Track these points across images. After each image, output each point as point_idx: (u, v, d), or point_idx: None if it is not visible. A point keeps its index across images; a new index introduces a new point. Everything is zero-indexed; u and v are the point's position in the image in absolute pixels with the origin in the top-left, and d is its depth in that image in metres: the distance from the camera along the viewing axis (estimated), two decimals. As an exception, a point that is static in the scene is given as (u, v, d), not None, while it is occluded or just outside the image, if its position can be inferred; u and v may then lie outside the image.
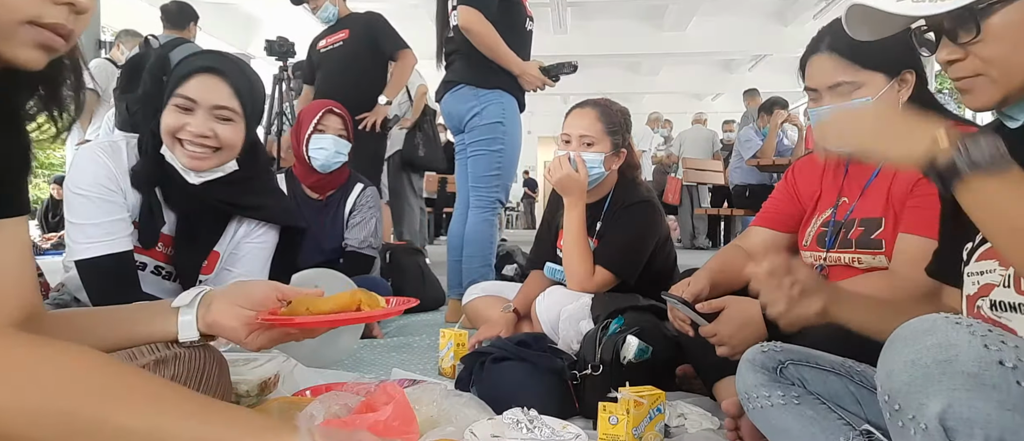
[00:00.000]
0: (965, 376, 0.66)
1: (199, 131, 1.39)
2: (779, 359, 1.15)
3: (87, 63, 1.38)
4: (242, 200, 1.53)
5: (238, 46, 10.38)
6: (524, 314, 2.16)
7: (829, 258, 1.44)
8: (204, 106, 1.40)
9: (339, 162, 2.48)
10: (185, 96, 1.40)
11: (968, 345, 0.68)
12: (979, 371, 0.66)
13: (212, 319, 0.90)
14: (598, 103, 2.10)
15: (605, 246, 2.04)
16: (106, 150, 1.44)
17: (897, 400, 0.71)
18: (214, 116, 1.41)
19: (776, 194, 1.66)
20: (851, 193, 1.46)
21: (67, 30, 0.65)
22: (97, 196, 1.40)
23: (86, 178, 1.40)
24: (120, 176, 1.43)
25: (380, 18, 3.47)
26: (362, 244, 2.52)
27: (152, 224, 1.46)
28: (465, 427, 1.23)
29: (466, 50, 2.69)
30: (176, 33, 4.01)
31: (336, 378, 1.77)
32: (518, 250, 3.94)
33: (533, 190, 15.56)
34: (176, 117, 1.40)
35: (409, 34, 3.53)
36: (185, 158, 1.41)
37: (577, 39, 10.42)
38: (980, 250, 0.90)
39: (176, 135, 1.40)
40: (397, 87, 3.56)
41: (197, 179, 1.44)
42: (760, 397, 1.13)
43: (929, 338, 0.70)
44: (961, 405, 0.66)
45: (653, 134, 9.14)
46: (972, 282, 0.91)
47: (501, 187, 2.78)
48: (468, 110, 2.72)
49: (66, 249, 1.47)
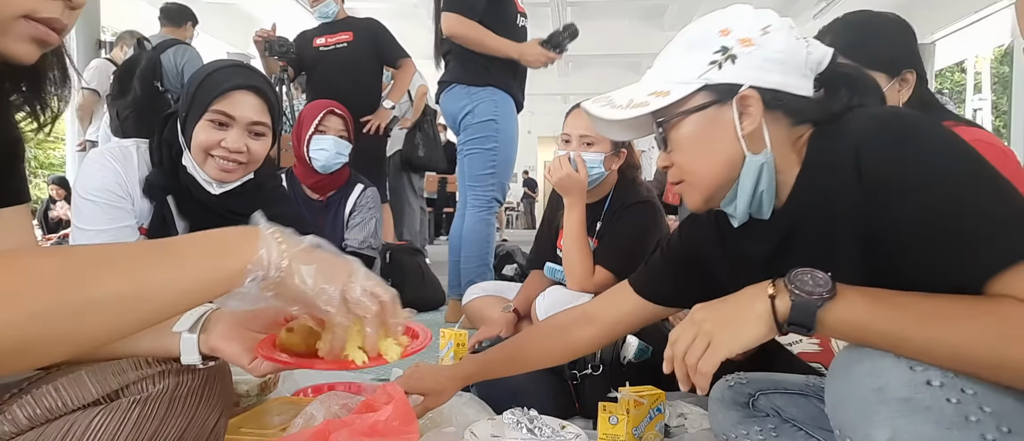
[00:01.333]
0: (899, 402, 0.67)
1: (235, 147, 1.41)
2: (747, 391, 1.14)
3: (84, 63, 1.37)
4: (251, 210, 1.53)
5: (238, 46, 10.39)
6: (524, 314, 2.16)
7: None
8: (241, 122, 1.42)
9: (340, 163, 2.48)
10: (223, 112, 1.41)
11: (895, 369, 0.69)
12: (911, 395, 0.67)
13: (214, 344, 0.87)
14: None
15: (605, 246, 2.05)
16: (116, 155, 1.44)
17: (847, 433, 0.72)
18: (249, 132, 1.43)
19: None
20: None
21: (61, 25, 0.65)
22: (105, 202, 1.40)
23: (95, 183, 1.41)
24: (130, 182, 1.43)
25: (383, 26, 3.49)
26: (362, 244, 2.52)
27: (164, 234, 1.45)
28: (465, 427, 1.24)
29: (458, 50, 2.71)
30: (173, 32, 4.01)
31: (336, 378, 1.77)
32: (518, 250, 3.94)
33: (533, 190, 15.56)
34: (211, 133, 1.41)
35: (409, 34, 3.55)
36: (215, 171, 1.42)
37: (577, 39, 10.41)
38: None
39: (210, 151, 1.41)
40: (399, 93, 3.60)
41: (219, 190, 1.46)
42: (739, 436, 1.11)
43: (858, 366, 0.71)
44: (904, 432, 0.66)
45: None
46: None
47: (497, 185, 2.78)
48: (461, 109, 2.72)
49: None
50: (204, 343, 0.88)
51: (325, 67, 3.48)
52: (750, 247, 0.96)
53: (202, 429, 0.85)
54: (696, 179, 0.91)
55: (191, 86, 1.45)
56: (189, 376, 0.85)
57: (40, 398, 0.77)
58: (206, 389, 0.86)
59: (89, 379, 0.80)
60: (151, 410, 0.80)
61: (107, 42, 6.29)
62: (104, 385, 0.80)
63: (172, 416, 0.82)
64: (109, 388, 0.80)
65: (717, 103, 0.86)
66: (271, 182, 1.62)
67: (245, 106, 1.42)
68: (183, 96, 1.46)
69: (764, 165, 0.86)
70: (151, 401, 0.81)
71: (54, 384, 0.79)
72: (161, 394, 0.82)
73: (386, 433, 0.96)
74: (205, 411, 0.85)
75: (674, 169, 0.93)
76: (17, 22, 0.62)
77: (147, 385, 0.82)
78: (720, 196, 0.91)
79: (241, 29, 10.37)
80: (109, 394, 0.80)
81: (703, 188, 0.91)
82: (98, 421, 0.78)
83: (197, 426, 0.84)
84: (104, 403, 0.80)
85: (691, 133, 0.89)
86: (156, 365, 0.84)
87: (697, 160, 0.90)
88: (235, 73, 1.46)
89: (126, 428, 0.78)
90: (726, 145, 0.87)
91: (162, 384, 0.82)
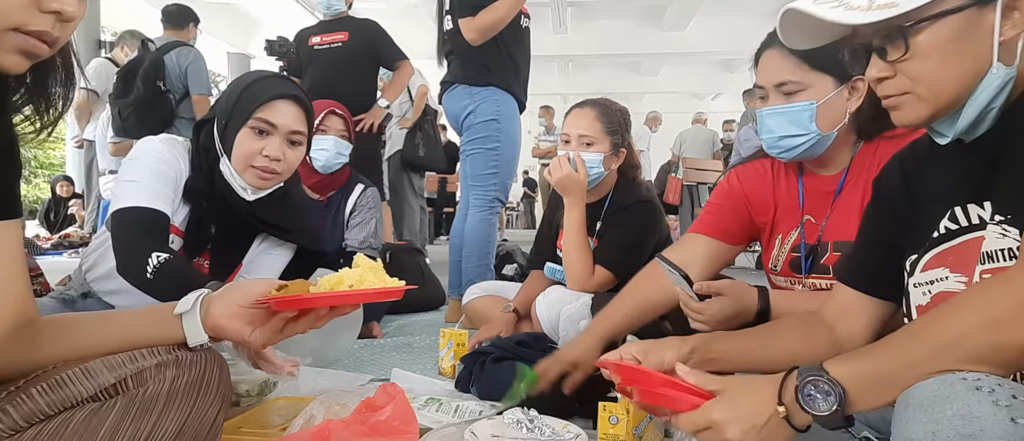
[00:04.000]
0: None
1: (275, 155, 1.45)
2: None
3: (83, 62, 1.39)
4: (283, 222, 1.59)
5: (238, 46, 10.40)
6: (524, 314, 2.16)
7: (808, 284, 1.39)
8: (282, 131, 1.46)
9: (340, 163, 2.48)
10: (266, 120, 1.45)
11: (993, 419, 0.62)
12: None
13: (214, 322, 0.90)
14: (597, 103, 2.09)
15: (605, 246, 2.05)
16: (169, 143, 1.49)
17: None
18: (288, 140, 1.48)
19: (720, 201, 1.52)
20: (815, 211, 1.38)
21: (52, 38, 0.65)
22: (152, 165, 1.44)
23: (150, 150, 1.46)
24: (178, 169, 1.47)
25: (381, 28, 3.49)
26: (362, 245, 2.52)
27: (200, 237, 1.50)
28: (465, 427, 1.24)
29: (461, 49, 2.70)
30: (176, 34, 4.01)
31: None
32: (518, 250, 3.94)
33: (533, 190, 15.55)
34: (253, 141, 1.44)
35: (409, 34, 3.56)
36: (254, 179, 1.46)
37: (577, 39, 10.43)
38: (925, 259, 0.88)
39: (251, 161, 1.44)
40: (395, 93, 3.60)
41: (252, 196, 1.50)
42: None
43: (949, 407, 0.64)
44: None
45: (651, 133, 9.16)
46: (922, 292, 0.89)
47: (499, 186, 2.78)
48: (463, 109, 2.72)
49: (111, 202, 1.49)
50: (204, 323, 0.90)
51: (318, 66, 3.49)
52: (943, 178, 0.90)
53: (202, 423, 0.84)
54: (932, 91, 0.82)
55: (233, 94, 1.49)
56: (186, 369, 0.85)
57: (36, 396, 0.77)
58: (204, 382, 0.86)
59: (85, 375, 0.80)
60: (149, 404, 0.80)
61: (107, 42, 6.30)
62: (100, 380, 0.80)
63: (170, 410, 0.81)
64: (106, 383, 0.80)
65: (979, 4, 0.78)
66: (296, 192, 1.66)
67: (286, 115, 1.47)
68: (222, 104, 1.50)
69: (1009, 80, 0.79)
70: (149, 395, 0.81)
71: (50, 381, 0.78)
72: (158, 388, 0.81)
73: (386, 433, 0.97)
74: (203, 404, 0.85)
75: (895, 81, 0.84)
76: (6, 34, 0.62)
77: (144, 379, 0.81)
78: (947, 112, 0.83)
79: (241, 29, 10.38)
80: (106, 389, 0.80)
81: (937, 100, 0.82)
82: (96, 417, 0.77)
83: (196, 420, 0.84)
84: (102, 399, 0.80)
85: (943, 38, 0.79)
86: (152, 358, 0.83)
87: (943, 69, 0.80)
88: (277, 83, 1.51)
89: (124, 423, 0.78)
90: (979, 53, 0.79)
91: (159, 378, 0.82)
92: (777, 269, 1.44)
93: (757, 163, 1.50)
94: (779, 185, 1.45)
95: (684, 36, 10.26)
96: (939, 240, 0.87)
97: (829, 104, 1.27)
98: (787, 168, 1.43)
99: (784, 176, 1.44)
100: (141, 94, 3.65)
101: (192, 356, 0.86)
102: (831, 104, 1.27)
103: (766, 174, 1.47)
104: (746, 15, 9.80)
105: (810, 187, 1.39)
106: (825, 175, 1.37)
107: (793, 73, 1.27)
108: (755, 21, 9.95)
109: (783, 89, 1.29)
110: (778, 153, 1.34)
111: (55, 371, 0.80)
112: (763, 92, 1.32)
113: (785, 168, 1.44)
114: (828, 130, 1.28)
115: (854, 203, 1.30)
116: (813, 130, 1.28)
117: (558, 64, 12.22)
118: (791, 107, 1.28)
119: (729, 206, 1.50)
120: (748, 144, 6.08)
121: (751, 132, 6.19)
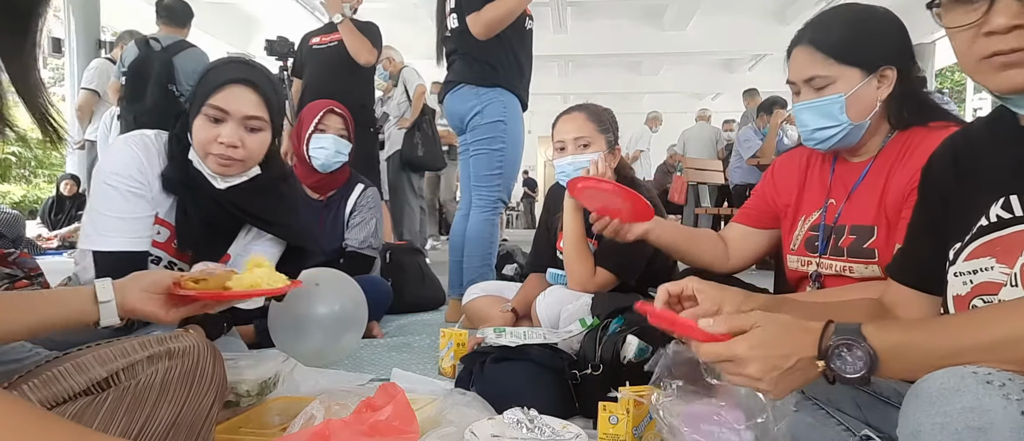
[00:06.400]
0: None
1: (229, 141, 1.43)
2: None
3: (83, 63, 1.36)
4: (264, 213, 1.56)
5: (238, 46, 10.38)
6: (523, 314, 2.16)
7: (822, 264, 1.42)
8: (235, 117, 1.44)
9: (340, 162, 2.48)
10: (218, 107, 1.43)
11: (1003, 412, 0.61)
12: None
13: (130, 306, 0.98)
14: (584, 106, 2.12)
15: (605, 247, 2.04)
16: (140, 144, 1.47)
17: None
18: (244, 126, 1.45)
19: (757, 190, 1.66)
20: (839, 195, 1.43)
21: None
22: (126, 189, 1.42)
23: (117, 166, 1.42)
24: (151, 171, 1.46)
25: (377, 29, 3.49)
26: (362, 244, 2.52)
27: (187, 226, 1.48)
28: (465, 427, 1.23)
29: (465, 50, 2.69)
30: (176, 31, 4.00)
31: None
32: (518, 250, 3.94)
33: (533, 190, 15.56)
34: (208, 129, 1.43)
35: (409, 34, 3.56)
36: (215, 166, 1.45)
37: (577, 39, 10.42)
38: (969, 248, 0.87)
39: (207, 148, 1.44)
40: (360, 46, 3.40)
41: (223, 184, 1.48)
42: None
43: (958, 400, 0.64)
44: None
45: (651, 133, 9.15)
46: (962, 282, 0.87)
47: (503, 187, 2.77)
48: (469, 109, 2.71)
49: (81, 235, 1.46)
50: (120, 307, 0.97)
51: (315, 65, 3.51)
52: (1001, 164, 0.86)
53: (197, 414, 0.85)
54: None
55: (196, 83, 1.49)
56: (179, 360, 0.85)
57: (27, 393, 0.77)
58: (198, 372, 0.86)
59: (76, 370, 0.80)
60: (142, 396, 0.80)
61: (107, 42, 6.29)
62: (92, 374, 0.80)
63: (164, 401, 0.82)
64: (98, 377, 0.80)
65: None
66: (287, 188, 1.63)
67: (240, 100, 1.44)
68: (190, 91, 1.50)
69: None
70: (141, 387, 0.81)
71: (41, 377, 0.78)
72: (151, 380, 0.81)
73: (386, 433, 0.96)
74: (198, 394, 0.85)
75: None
76: None
77: (136, 372, 0.81)
78: None
79: (241, 29, 10.38)
80: (98, 383, 0.80)
81: None
82: (88, 411, 0.77)
83: (191, 410, 0.84)
84: (94, 393, 0.79)
85: None
86: (143, 351, 0.84)
87: None
88: (230, 69, 1.47)
89: (117, 415, 0.78)
90: None
91: (151, 369, 0.82)
92: (794, 248, 1.50)
93: (797, 150, 1.59)
94: (812, 171, 1.52)
95: (684, 36, 10.24)
96: (988, 228, 0.84)
97: (858, 95, 1.32)
98: (823, 155, 1.50)
99: (819, 163, 1.52)
100: (157, 100, 3.65)
101: (185, 347, 0.86)
102: (860, 94, 1.33)
103: (801, 160, 1.56)
104: (746, 15, 9.81)
105: (840, 172, 1.45)
106: (856, 162, 1.43)
107: (820, 68, 1.33)
108: (755, 21, 10.00)
109: (813, 84, 1.35)
110: (815, 144, 1.41)
111: (46, 367, 0.80)
112: (796, 87, 1.39)
113: (822, 155, 1.51)
114: (859, 119, 1.34)
115: (875, 188, 1.35)
116: (845, 120, 1.34)
117: (558, 64, 12.21)
118: (822, 101, 1.34)
119: (759, 191, 1.63)
120: (748, 144, 6.08)
121: (751, 132, 6.19)
